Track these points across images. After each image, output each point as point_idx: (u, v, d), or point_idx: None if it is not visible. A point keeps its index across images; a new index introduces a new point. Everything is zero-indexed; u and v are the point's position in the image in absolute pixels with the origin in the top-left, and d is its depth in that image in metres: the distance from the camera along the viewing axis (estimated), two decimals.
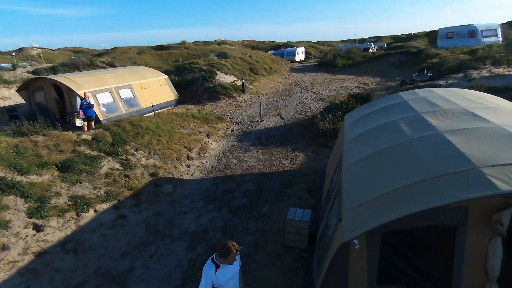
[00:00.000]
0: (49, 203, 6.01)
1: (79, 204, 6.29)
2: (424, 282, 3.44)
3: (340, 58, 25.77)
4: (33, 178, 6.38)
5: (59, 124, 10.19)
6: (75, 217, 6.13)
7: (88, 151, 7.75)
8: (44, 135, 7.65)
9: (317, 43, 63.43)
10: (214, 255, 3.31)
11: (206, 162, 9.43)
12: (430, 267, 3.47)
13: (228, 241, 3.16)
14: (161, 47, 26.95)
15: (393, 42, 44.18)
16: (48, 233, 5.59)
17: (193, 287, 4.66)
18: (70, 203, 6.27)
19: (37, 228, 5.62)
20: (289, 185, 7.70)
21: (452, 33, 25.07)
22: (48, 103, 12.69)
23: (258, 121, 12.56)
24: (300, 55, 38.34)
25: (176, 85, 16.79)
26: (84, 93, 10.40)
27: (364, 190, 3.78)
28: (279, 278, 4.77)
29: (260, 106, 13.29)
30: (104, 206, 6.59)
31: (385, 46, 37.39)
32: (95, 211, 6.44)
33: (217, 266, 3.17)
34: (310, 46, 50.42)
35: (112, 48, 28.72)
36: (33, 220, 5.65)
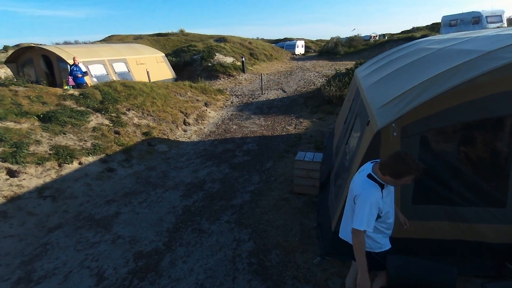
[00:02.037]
0: (26, 149, 5.33)
1: (61, 154, 5.61)
2: (471, 199, 2.80)
3: (341, 46, 25.21)
4: (10, 124, 5.70)
5: None
6: (57, 167, 5.45)
7: (75, 106, 7.09)
8: (26, 86, 6.98)
9: (317, 40, 62.99)
10: (370, 168, 2.15)
11: (204, 128, 8.77)
12: (478, 179, 2.81)
13: (407, 154, 1.98)
14: (159, 35, 26.35)
15: (394, 35, 43.77)
16: (23, 179, 4.91)
17: (188, 232, 4.00)
18: (51, 152, 5.59)
19: (11, 174, 4.94)
20: (294, 145, 7.05)
21: (455, 21, 24.55)
22: (38, 76, 12.02)
23: (259, 94, 11.93)
24: (300, 49, 37.73)
25: (174, 67, 16.14)
26: (74, 58, 9.72)
27: (391, 91, 3.14)
28: (288, 219, 4.10)
29: (262, 81, 12.65)
30: (90, 159, 5.91)
31: (386, 38, 36.91)
32: (80, 163, 5.76)
33: (382, 187, 2.08)
34: (310, 42, 49.94)
35: (108, 36, 28.07)
36: (7, 164, 4.97)
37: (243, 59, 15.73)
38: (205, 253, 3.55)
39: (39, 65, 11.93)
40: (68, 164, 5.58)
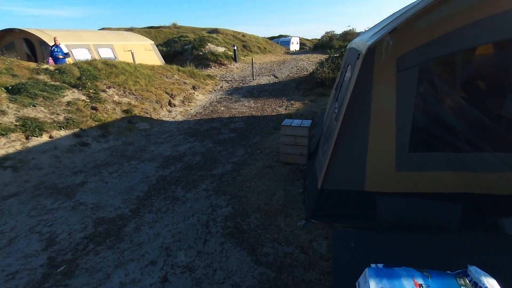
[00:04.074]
0: None
1: (29, 126, 5.15)
2: (477, 143, 2.43)
3: (336, 40, 24.92)
4: None
5: None
6: (23, 139, 4.98)
7: (49, 81, 6.62)
8: None
9: (312, 39, 62.85)
10: None
11: (190, 109, 8.34)
12: (486, 119, 2.44)
13: None
14: (151, 27, 25.84)
15: None
16: None
17: (160, 199, 3.57)
18: (17, 123, 5.13)
19: None
20: None
21: None
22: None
23: (250, 80, 11.53)
24: (294, 45, 37.41)
25: (164, 56, 15.69)
26: (54, 38, 9.24)
27: (384, 30, 2.75)
28: (271, 186, 3.70)
29: (253, 68, 12.26)
30: (62, 133, 5.46)
31: None
32: (50, 137, 5.30)
33: None
34: (305, 39, 49.70)
35: (99, 29, 27.46)
36: None
37: (235, 48, 15.32)
38: (176, 219, 3.13)
39: (21, 49, 11.41)
40: (37, 137, 5.12)
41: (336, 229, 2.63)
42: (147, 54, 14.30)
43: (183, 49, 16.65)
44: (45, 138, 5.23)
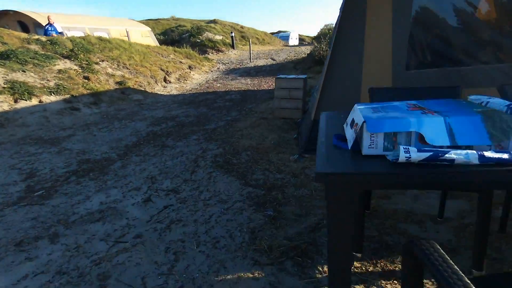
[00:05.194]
0: None
1: (17, 89, 5.02)
2: (478, 56, 2.29)
3: None
4: None
5: None
6: (11, 101, 4.86)
7: (41, 51, 6.49)
8: None
9: (311, 37, 62.70)
10: None
11: (186, 86, 8.21)
12: (488, 26, 2.30)
13: None
14: (149, 20, 25.75)
15: None
16: None
17: (149, 147, 3.43)
18: (5, 86, 5.00)
19: None
20: None
21: None
22: None
23: (248, 62, 11.40)
24: (293, 40, 37.23)
25: (161, 44, 15.56)
26: (48, 17, 9.11)
27: None
28: (264, 133, 3.57)
29: (251, 52, 12.13)
30: (53, 98, 5.32)
31: None
32: (40, 101, 5.17)
33: None
34: (304, 36, 49.58)
35: None
36: None
37: (233, 35, 15.20)
38: (164, 159, 3.00)
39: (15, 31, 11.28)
40: (26, 100, 4.99)
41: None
42: (144, 40, 14.15)
43: (180, 38, 16.52)
44: (34, 102, 5.10)
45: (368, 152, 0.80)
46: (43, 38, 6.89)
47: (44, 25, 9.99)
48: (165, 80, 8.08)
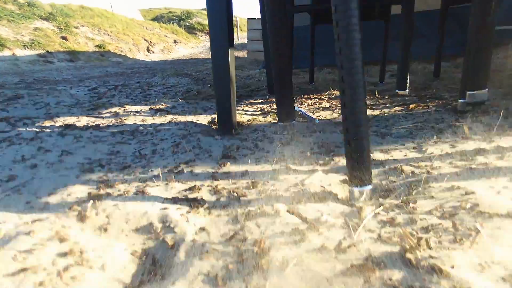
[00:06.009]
0: None
1: None
2: None
3: None
4: None
5: None
6: None
7: (18, 11, 6.34)
8: None
9: None
10: None
11: (170, 56, 8.10)
12: None
13: None
14: (140, 10, 25.56)
15: None
16: None
17: (114, 78, 3.33)
18: None
19: None
20: None
21: None
22: None
23: (237, 40, 11.31)
24: None
25: None
26: None
27: None
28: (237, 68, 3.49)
29: (238, 31, 12.04)
30: (27, 52, 5.20)
31: None
32: (13, 54, 5.05)
33: None
34: None
35: None
36: None
37: None
38: (128, 82, 2.91)
39: None
40: None
41: None
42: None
43: (170, 21, 16.37)
44: (6, 53, 4.97)
45: None
46: (22, 1, 6.73)
47: None
48: (148, 50, 7.97)
